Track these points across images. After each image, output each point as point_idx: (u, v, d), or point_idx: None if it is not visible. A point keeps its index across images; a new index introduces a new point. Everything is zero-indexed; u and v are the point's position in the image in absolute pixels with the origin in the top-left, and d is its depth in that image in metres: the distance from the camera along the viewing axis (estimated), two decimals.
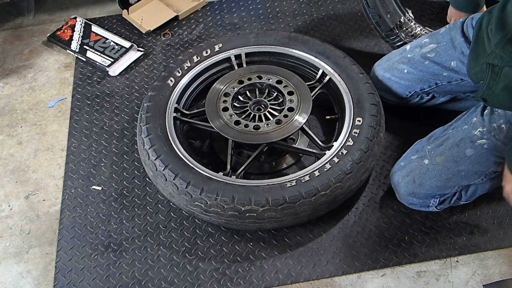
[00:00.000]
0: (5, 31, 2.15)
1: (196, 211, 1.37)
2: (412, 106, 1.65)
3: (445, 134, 1.40)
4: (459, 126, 1.38)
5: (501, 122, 1.30)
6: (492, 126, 1.31)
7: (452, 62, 1.46)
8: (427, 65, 1.51)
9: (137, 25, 2.10)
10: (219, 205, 1.32)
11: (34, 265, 1.46)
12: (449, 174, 1.34)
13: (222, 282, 1.39)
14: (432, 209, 1.42)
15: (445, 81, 1.50)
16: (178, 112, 1.57)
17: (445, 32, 1.50)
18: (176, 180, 1.36)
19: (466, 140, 1.34)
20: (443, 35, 1.50)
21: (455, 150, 1.34)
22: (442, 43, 1.48)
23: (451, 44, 1.46)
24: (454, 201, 1.41)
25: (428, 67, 1.51)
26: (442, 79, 1.50)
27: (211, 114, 1.50)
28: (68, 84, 1.93)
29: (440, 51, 1.48)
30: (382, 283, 1.38)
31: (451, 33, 1.47)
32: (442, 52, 1.48)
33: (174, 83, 1.60)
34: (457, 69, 1.46)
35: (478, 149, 1.31)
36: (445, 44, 1.48)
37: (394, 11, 1.77)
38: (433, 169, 1.35)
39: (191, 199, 1.34)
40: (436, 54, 1.49)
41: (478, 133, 1.32)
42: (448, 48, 1.47)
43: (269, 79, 1.58)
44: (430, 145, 1.40)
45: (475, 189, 1.38)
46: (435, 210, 1.42)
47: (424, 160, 1.38)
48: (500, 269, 1.39)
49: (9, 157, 1.72)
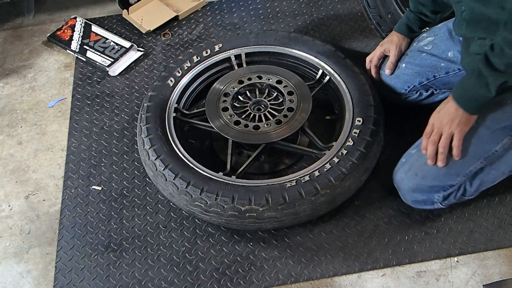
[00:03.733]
0: (5, 31, 2.15)
1: (196, 211, 1.37)
2: (411, 103, 1.65)
3: None
4: None
5: None
6: None
7: (449, 53, 1.48)
8: (424, 57, 1.52)
9: (137, 25, 2.10)
10: (219, 205, 1.32)
11: (34, 265, 1.46)
12: (448, 160, 1.31)
13: (222, 282, 1.39)
14: (437, 206, 1.40)
15: (443, 72, 1.50)
16: (178, 112, 1.57)
17: (442, 25, 1.52)
18: (176, 180, 1.36)
19: None
20: (440, 27, 1.52)
21: None
22: (439, 35, 1.51)
23: (448, 35, 1.48)
24: (459, 197, 1.39)
25: (425, 59, 1.52)
26: (439, 71, 1.50)
27: (211, 114, 1.50)
28: (68, 84, 1.93)
29: (437, 43, 1.50)
30: (382, 283, 1.38)
31: (448, 24, 1.49)
32: (439, 43, 1.49)
33: (174, 83, 1.60)
34: (454, 59, 1.47)
35: (474, 128, 1.29)
36: (442, 35, 1.50)
37: (395, 11, 1.77)
38: None
39: (191, 199, 1.35)
40: (434, 46, 1.51)
41: None
42: (445, 39, 1.48)
43: (269, 79, 1.58)
44: None
45: (480, 182, 1.37)
46: (440, 207, 1.40)
47: (422, 151, 1.36)
48: (500, 269, 1.39)
49: (9, 157, 1.72)
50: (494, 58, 1.15)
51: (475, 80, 1.19)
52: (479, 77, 1.18)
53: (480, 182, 1.38)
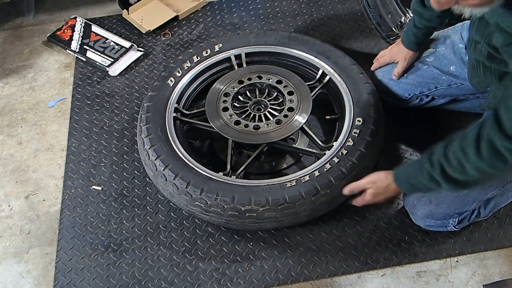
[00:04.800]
0: (5, 31, 2.15)
1: (196, 211, 1.37)
2: (413, 108, 1.65)
3: None
4: None
5: None
6: None
7: (451, 67, 1.46)
8: (426, 69, 1.51)
9: (137, 25, 2.10)
10: (219, 205, 1.32)
11: (34, 265, 1.46)
12: (465, 190, 1.29)
13: (222, 282, 1.39)
14: (451, 229, 1.39)
15: (445, 84, 1.49)
16: (178, 112, 1.57)
17: (445, 36, 1.50)
18: (176, 180, 1.36)
19: None
20: (443, 39, 1.50)
21: None
22: (441, 48, 1.48)
23: (451, 49, 1.46)
24: (473, 219, 1.38)
25: (427, 71, 1.51)
26: (441, 83, 1.49)
27: (211, 114, 1.50)
28: (68, 84, 1.93)
29: (439, 56, 1.48)
30: (382, 283, 1.38)
31: (451, 37, 1.47)
32: (441, 57, 1.48)
33: (174, 83, 1.60)
34: (457, 73, 1.45)
35: None
36: (444, 49, 1.48)
37: (395, 11, 1.77)
38: None
39: (191, 199, 1.35)
40: (435, 59, 1.49)
41: None
42: (447, 53, 1.46)
43: (269, 79, 1.58)
44: None
45: (494, 204, 1.37)
46: (453, 229, 1.39)
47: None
48: (500, 269, 1.39)
49: (9, 157, 1.72)
50: (455, 173, 1.09)
51: (427, 181, 1.14)
52: (431, 181, 1.14)
53: (494, 204, 1.38)
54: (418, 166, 1.16)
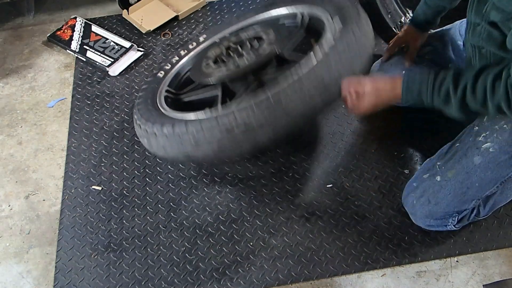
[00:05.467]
0: (5, 31, 2.15)
1: (189, 151, 1.32)
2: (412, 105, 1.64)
3: (453, 148, 1.36)
4: (465, 138, 1.35)
5: (502, 123, 1.29)
6: (494, 128, 1.29)
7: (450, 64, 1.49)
8: (425, 66, 1.52)
9: (137, 25, 2.10)
10: (205, 132, 1.27)
11: (34, 265, 1.46)
12: (464, 188, 1.30)
13: (222, 282, 1.39)
14: (450, 228, 1.38)
15: None
16: (170, 93, 1.62)
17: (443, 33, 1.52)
18: (164, 129, 1.33)
19: (472, 148, 1.30)
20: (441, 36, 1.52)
21: (464, 161, 1.31)
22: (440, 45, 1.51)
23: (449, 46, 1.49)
24: (472, 218, 1.38)
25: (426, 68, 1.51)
26: None
27: (196, 75, 1.54)
28: (68, 84, 1.93)
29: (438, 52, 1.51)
30: (382, 283, 1.38)
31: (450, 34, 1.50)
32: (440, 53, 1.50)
33: (164, 75, 1.68)
34: None
35: (485, 154, 1.28)
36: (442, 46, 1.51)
37: (395, 11, 1.77)
38: (447, 185, 1.32)
39: (179, 139, 1.31)
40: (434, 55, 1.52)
41: (482, 138, 1.30)
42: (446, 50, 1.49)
43: (247, 35, 1.59)
44: (440, 161, 1.36)
45: (493, 202, 1.37)
46: (453, 229, 1.39)
47: (436, 177, 1.34)
48: (500, 269, 1.39)
49: (9, 157, 1.72)
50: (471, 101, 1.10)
51: (439, 98, 1.15)
52: (446, 97, 1.14)
53: (494, 203, 1.38)
54: (439, 81, 1.13)
